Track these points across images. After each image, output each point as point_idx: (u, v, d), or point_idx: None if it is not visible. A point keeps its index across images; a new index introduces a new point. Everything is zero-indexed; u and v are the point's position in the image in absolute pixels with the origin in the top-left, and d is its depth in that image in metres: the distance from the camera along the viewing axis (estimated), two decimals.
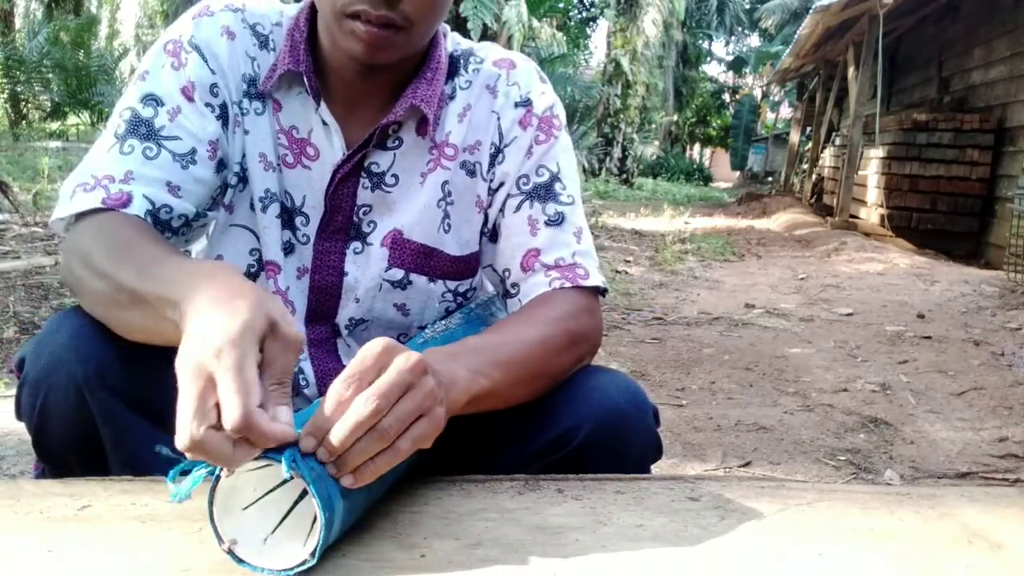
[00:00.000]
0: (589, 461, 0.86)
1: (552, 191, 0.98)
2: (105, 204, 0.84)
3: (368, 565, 0.61)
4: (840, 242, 6.34)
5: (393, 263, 0.98)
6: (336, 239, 0.98)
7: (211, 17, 0.95)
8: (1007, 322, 3.53)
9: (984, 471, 1.89)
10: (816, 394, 2.49)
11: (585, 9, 26.60)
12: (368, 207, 0.97)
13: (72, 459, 0.86)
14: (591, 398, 0.88)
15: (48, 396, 0.82)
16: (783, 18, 19.57)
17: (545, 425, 0.88)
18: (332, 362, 1.00)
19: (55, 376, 0.82)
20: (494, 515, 0.71)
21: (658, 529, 0.69)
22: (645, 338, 3.19)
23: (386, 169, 0.97)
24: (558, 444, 0.87)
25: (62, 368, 0.82)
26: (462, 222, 1.00)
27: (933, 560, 0.65)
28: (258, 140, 0.95)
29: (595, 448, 0.86)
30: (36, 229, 5.02)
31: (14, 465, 1.73)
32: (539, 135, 0.98)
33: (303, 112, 0.95)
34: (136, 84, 0.92)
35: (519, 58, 1.03)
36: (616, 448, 0.87)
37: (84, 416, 0.82)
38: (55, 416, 0.83)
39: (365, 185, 0.96)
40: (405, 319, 1.01)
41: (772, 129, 26.01)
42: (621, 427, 0.87)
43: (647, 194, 14.63)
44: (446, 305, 1.03)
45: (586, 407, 0.87)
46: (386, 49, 0.87)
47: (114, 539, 0.65)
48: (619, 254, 5.76)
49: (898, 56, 9.27)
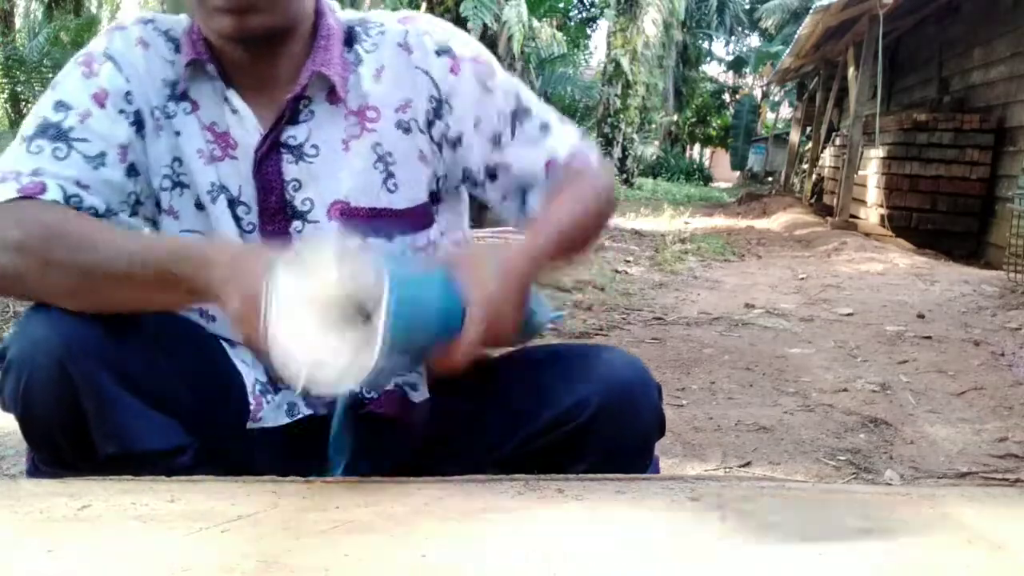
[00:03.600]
0: (598, 433, 0.90)
1: (525, 109, 1.03)
2: (20, 193, 0.86)
3: (369, 565, 0.61)
4: (840, 242, 6.33)
5: (346, 232, 0.98)
6: (277, 221, 0.99)
7: (124, 31, 0.97)
8: (1007, 322, 3.53)
9: (984, 471, 1.89)
10: (816, 394, 2.49)
11: (585, 9, 26.59)
12: (297, 182, 0.98)
13: (59, 438, 0.87)
14: (600, 372, 0.93)
15: (31, 376, 0.84)
16: (783, 18, 19.56)
17: (555, 399, 0.93)
18: None
19: (37, 355, 0.84)
20: (494, 515, 0.71)
21: (658, 529, 0.69)
22: (645, 338, 3.19)
23: (303, 140, 0.97)
24: (569, 416, 0.92)
25: (42, 346, 0.84)
26: (407, 178, 1.00)
27: (933, 560, 0.65)
28: (192, 138, 0.97)
29: (604, 420, 0.90)
30: None
31: (14, 465, 1.73)
32: (479, 73, 1.01)
33: (217, 106, 0.97)
34: (46, 95, 0.94)
35: (417, 13, 1.06)
36: (624, 420, 0.91)
37: (68, 391, 0.84)
38: (39, 394, 0.84)
39: (288, 160, 0.97)
40: None
41: (772, 129, 26.00)
42: (629, 399, 0.91)
43: (647, 194, 14.63)
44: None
45: (595, 380, 0.92)
46: (251, 13, 0.88)
47: (114, 539, 0.65)
48: (619, 254, 5.76)
49: (898, 56, 9.26)
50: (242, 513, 0.70)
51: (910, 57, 8.97)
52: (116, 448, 0.88)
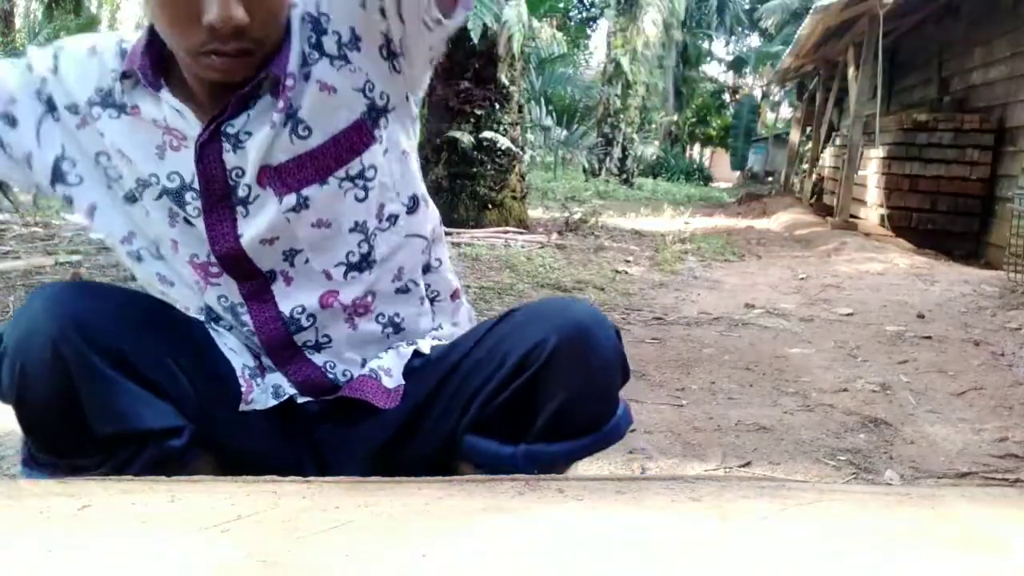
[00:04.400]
0: (558, 371, 0.96)
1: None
2: None
3: (369, 565, 0.61)
4: (840, 242, 6.33)
5: (280, 192, 0.99)
6: (222, 207, 1.01)
7: (91, 36, 1.05)
8: (1007, 322, 3.53)
9: (984, 471, 1.89)
10: (816, 394, 2.49)
11: (585, 9, 26.59)
12: (240, 169, 0.99)
13: (55, 422, 0.90)
14: (556, 316, 0.99)
15: (26, 361, 0.87)
16: (783, 18, 19.54)
17: (517, 346, 0.98)
18: (269, 310, 1.05)
19: (32, 339, 0.88)
20: (494, 515, 0.71)
21: (658, 529, 0.69)
22: (645, 338, 3.19)
23: (240, 128, 0.98)
24: (529, 360, 0.97)
25: (37, 331, 0.88)
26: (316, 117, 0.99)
27: (933, 560, 0.65)
28: (118, 139, 1.01)
29: (562, 357, 0.96)
30: (36, 229, 5.02)
31: (14, 465, 1.73)
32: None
33: (155, 105, 1.00)
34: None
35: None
36: (581, 355, 0.96)
37: (62, 374, 0.87)
38: (34, 378, 0.87)
39: (227, 149, 0.99)
40: (331, 229, 1.03)
41: (772, 129, 25.98)
42: (585, 336, 0.97)
43: (647, 194, 14.62)
44: (353, 194, 1.02)
45: (552, 322, 0.98)
46: (244, 70, 0.94)
47: (114, 539, 0.65)
48: (619, 254, 5.76)
49: (898, 56, 9.26)
50: (242, 513, 0.70)
51: (910, 57, 8.97)
52: (112, 428, 0.91)
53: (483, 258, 4.88)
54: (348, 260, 1.05)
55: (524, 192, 6.88)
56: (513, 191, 6.59)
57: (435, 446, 1.05)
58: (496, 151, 6.39)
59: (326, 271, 1.04)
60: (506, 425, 1.01)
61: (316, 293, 1.05)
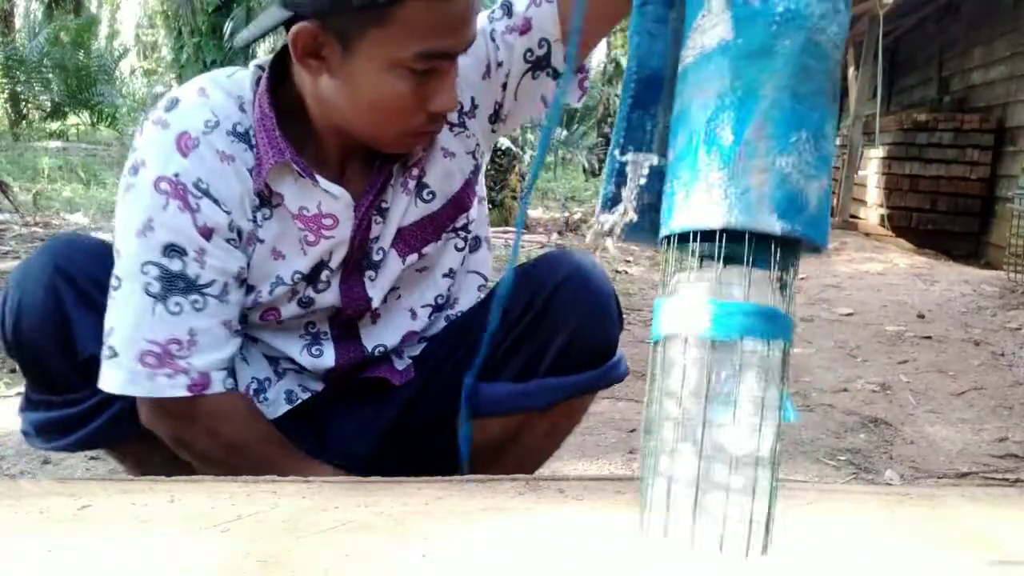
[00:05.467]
0: (562, 304, 1.02)
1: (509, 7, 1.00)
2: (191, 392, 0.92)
3: (369, 565, 0.61)
4: (840, 242, 6.33)
5: (403, 253, 1.03)
6: (355, 276, 1.03)
7: (198, 148, 0.91)
8: (1007, 322, 3.53)
9: (984, 471, 1.89)
10: (816, 394, 2.49)
11: None
12: (378, 237, 1.02)
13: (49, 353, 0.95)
14: (558, 259, 1.06)
15: (24, 292, 0.94)
16: None
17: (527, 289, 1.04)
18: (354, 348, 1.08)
19: (30, 271, 0.95)
20: (495, 515, 0.71)
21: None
22: (645, 338, 3.19)
23: (390, 203, 1.01)
24: (536, 296, 1.03)
25: (35, 264, 0.95)
26: (437, 181, 1.03)
27: (933, 560, 0.65)
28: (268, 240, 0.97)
29: (565, 291, 1.02)
30: (36, 229, 5.02)
31: (14, 465, 1.73)
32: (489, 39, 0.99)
33: (304, 192, 0.95)
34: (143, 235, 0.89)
35: None
36: (583, 286, 1.03)
37: (56, 299, 0.94)
38: (30, 307, 0.94)
39: (377, 221, 1.01)
40: (427, 271, 1.09)
41: None
42: (586, 275, 1.04)
43: None
44: (454, 243, 1.09)
45: (556, 264, 1.05)
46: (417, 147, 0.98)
47: (114, 539, 0.65)
48: (619, 254, 5.76)
49: (898, 56, 9.26)
50: (242, 513, 0.70)
51: (910, 57, 8.97)
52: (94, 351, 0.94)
53: None
54: (436, 303, 1.11)
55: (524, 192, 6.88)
56: (513, 191, 6.59)
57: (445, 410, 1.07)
58: (496, 151, 6.39)
59: (412, 309, 1.09)
60: (516, 368, 1.05)
61: (400, 333, 1.09)
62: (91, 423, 1.00)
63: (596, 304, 1.04)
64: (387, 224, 1.01)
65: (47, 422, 1.02)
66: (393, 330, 1.09)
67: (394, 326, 1.09)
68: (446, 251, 1.09)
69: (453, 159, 1.03)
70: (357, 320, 1.07)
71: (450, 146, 1.03)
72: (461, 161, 1.04)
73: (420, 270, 1.08)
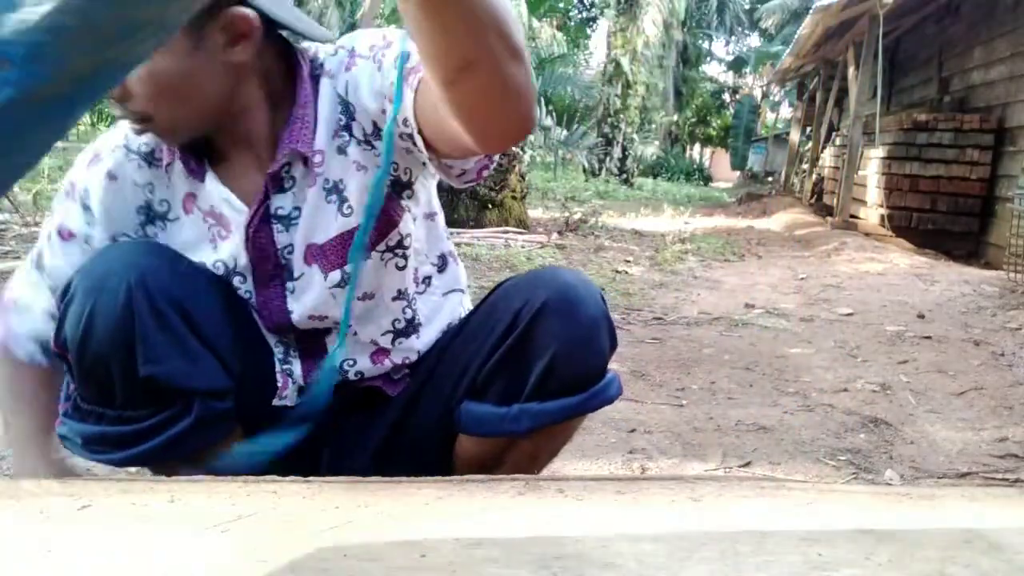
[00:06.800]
0: (545, 326, 0.99)
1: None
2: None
3: (369, 565, 0.61)
4: (840, 242, 6.33)
5: (326, 269, 1.02)
6: (273, 286, 1.03)
7: (97, 165, 1.04)
8: (1007, 322, 3.53)
9: (984, 471, 1.89)
10: (816, 394, 2.49)
11: (585, 9, 26.59)
12: (290, 246, 1.02)
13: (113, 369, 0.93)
14: (546, 279, 1.03)
15: (96, 304, 0.91)
16: (783, 18, 19.56)
17: (507, 309, 1.02)
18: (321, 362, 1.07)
19: (106, 284, 0.92)
20: (494, 515, 0.71)
21: (658, 529, 0.69)
22: (645, 338, 3.19)
23: (290, 209, 1.01)
24: (519, 318, 1.00)
25: (112, 276, 0.92)
26: (357, 191, 1.01)
27: (933, 560, 0.65)
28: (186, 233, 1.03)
29: (549, 312, 0.99)
30: (36, 229, 5.02)
31: None
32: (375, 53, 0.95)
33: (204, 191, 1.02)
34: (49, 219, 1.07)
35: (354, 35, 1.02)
36: (568, 310, 1.00)
37: (128, 319, 0.91)
38: (103, 320, 0.91)
39: (279, 230, 1.01)
40: (374, 300, 1.06)
41: (772, 129, 25.99)
42: (572, 294, 1.01)
43: (647, 194, 14.62)
44: (395, 263, 1.06)
45: (540, 285, 1.02)
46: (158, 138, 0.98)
47: (114, 539, 0.65)
48: (619, 254, 5.76)
49: (898, 56, 9.26)
50: (242, 513, 0.70)
51: (910, 57, 8.97)
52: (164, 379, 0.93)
53: (483, 258, 4.87)
54: (394, 327, 1.09)
55: (524, 192, 6.88)
56: (513, 191, 6.59)
57: (436, 419, 1.08)
58: None
59: (374, 340, 1.08)
60: (500, 390, 1.04)
61: (367, 354, 1.09)
62: (148, 442, 0.96)
63: (580, 330, 1.01)
64: (292, 234, 1.01)
65: (99, 435, 0.98)
66: (360, 355, 1.09)
67: (360, 352, 1.09)
68: (385, 273, 1.05)
69: (367, 173, 1.01)
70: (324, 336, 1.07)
71: (361, 159, 1.01)
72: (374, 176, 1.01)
73: (363, 299, 1.05)
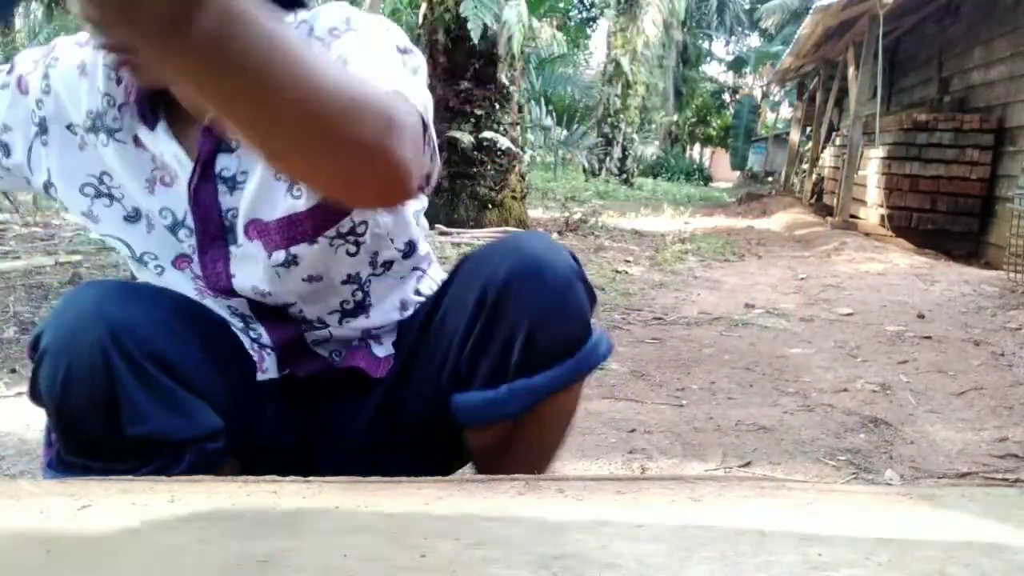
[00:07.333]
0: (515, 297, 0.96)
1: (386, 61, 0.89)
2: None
3: (369, 565, 0.61)
4: (840, 242, 6.33)
5: (269, 248, 0.98)
6: (217, 247, 1.00)
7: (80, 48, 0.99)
8: (1007, 322, 3.53)
9: (984, 471, 1.89)
10: (816, 394, 2.49)
11: (585, 9, 26.57)
12: (234, 209, 0.98)
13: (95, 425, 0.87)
14: (507, 248, 1.00)
15: (72, 362, 0.85)
16: (783, 18, 19.56)
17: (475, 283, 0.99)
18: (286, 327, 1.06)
19: (80, 340, 0.85)
20: (494, 515, 0.71)
21: (658, 529, 0.69)
22: (645, 338, 3.19)
23: (236, 171, 0.97)
24: (486, 295, 0.97)
25: (86, 332, 0.85)
26: None
27: (933, 560, 0.65)
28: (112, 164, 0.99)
29: (516, 282, 0.96)
30: (36, 229, 5.02)
31: (14, 465, 1.73)
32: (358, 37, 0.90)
33: (154, 139, 0.97)
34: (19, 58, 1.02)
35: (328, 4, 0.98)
36: (536, 276, 0.96)
37: (108, 377, 0.85)
38: (79, 380, 0.85)
39: (223, 191, 0.98)
40: (322, 283, 1.03)
41: (772, 129, 25.97)
42: (537, 257, 0.98)
43: (647, 194, 14.61)
44: (345, 249, 1.02)
45: (504, 254, 0.99)
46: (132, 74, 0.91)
47: (114, 539, 0.64)
48: (619, 254, 5.76)
49: (898, 56, 9.26)
50: (242, 513, 0.70)
51: (910, 57, 8.97)
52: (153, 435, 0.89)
53: None
54: (343, 308, 1.07)
55: (524, 192, 6.89)
56: (513, 191, 6.59)
57: (427, 405, 1.06)
58: (496, 151, 6.39)
59: (320, 318, 1.07)
60: (486, 372, 1.00)
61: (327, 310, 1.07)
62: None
63: (552, 295, 0.97)
64: (238, 198, 0.97)
65: None
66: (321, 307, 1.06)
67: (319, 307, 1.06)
68: (335, 258, 1.02)
69: None
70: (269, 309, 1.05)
71: None
72: None
73: (310, 280, 1.02)
